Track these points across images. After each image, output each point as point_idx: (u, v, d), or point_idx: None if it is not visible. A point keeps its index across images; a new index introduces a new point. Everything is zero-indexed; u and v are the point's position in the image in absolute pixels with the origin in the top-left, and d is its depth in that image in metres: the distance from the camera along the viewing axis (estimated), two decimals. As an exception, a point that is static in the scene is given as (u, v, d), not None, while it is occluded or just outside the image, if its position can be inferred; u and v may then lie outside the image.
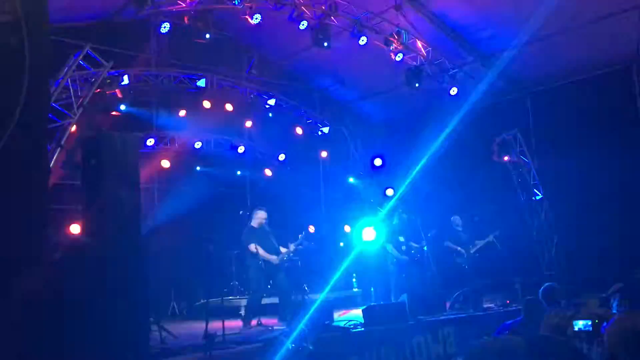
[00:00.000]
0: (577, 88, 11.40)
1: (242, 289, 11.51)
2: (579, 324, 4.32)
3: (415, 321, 8.31)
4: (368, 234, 12.92)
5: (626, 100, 10.89)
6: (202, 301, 11.20)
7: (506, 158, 12.60)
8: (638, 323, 2.74)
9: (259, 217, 9.39)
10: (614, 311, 5.89)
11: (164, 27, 8.88)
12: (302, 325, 7.32)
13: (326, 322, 7.83)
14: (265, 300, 9.45)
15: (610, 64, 10.94)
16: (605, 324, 3.35)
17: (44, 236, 4.27)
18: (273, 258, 9.03)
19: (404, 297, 9.20)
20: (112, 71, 9.76)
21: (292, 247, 9.31)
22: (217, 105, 12.25)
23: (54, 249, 5.66)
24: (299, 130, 13.98)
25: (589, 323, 4.25)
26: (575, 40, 10.58)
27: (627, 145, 10.73)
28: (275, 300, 9.52)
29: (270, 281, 9.15)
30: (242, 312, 9.79)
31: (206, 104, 12.03)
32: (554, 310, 5.19)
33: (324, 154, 14.58)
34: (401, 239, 11.02)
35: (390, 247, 10.96)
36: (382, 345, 7.48)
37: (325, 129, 14.30)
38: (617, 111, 10.91)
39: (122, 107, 11.11)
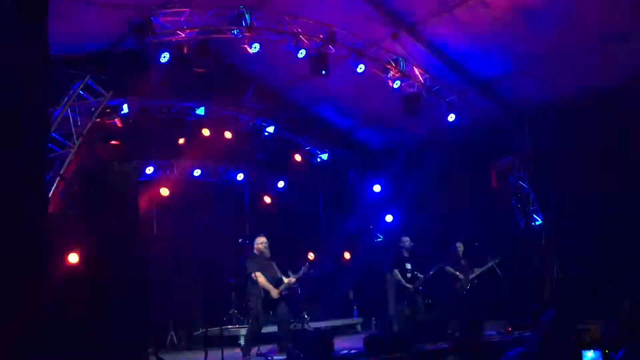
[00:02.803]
0: (575, 113, 11.45)
1: (241, 318, 11.42)
2: (588, 355, 4.23)
3: (417, 350, 8.23)
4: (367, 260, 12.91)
5: (623, 125, 10.93)
6: (201, 330, 11.10)
7: (504, 184, 12.62)
8: None
9: (259, 242, 9.36)
10: None
11: (164, 57, 8.95)
12: (301, 354, 7.27)
13: (326, 351, 7.75)
14: (265, 329, 9.36)
15: (608, 89, 11.01)
16: (614, 354, 3.30)
17: (42, 266, 4.24)
18: (274, 292, 8.93)
19: (404, 326, 9.14)
20: (112, 101, 9.82)
21: (293, 279, 9.22)
22: (217, 133, 12.30)
23: (52, 278, 5.62)
24: (298, 158, 14.01)
25: (599, 354, 4.16)
26: (574, 66, 10.66)
27: (626, 169, 10.74)
28: (275, 328, 9.43)
29: (271, 310, 9.07)
30: (242, 341, 9.70)
31: (205, 132, 12.08)
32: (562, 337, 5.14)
33: (323, 181, 14.59)
34: (408, 266, 10.99)
35: (396, 273, 10.93)
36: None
37: (324, 156, 14.33)
38: (614, 136, 10.94)
39: (122, 136, 11.14)
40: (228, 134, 12.48)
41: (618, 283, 10.09)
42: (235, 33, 9.20)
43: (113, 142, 10.63)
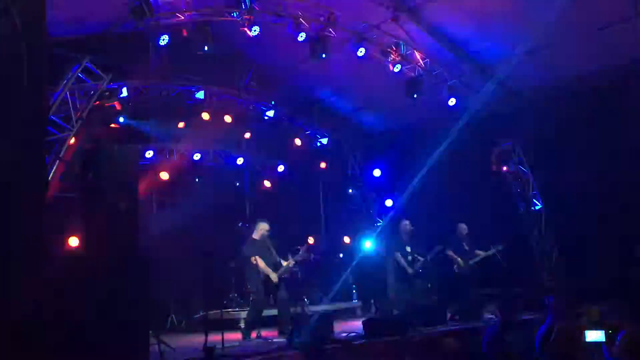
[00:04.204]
0: (576, 98, 11.41)
1: (242, 301, 11.47)
2: (592, 336, 4.22)
3: (416, 333, 8.27)
4: (367, 245, 12.95)
5: (624, 110, 10.90)
6: (201, 314, 11.15)
7: (505, 168, 12.62)
8: None
9: (261, 228, 9.34)
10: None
11: (163, 40, 8.88)
12: (301, 337, 7.30)
13: (326, 335, 7.79)
14: (265, 312, 9.40)
15: (610, 74, 10.96)
16: (615, 334, 3.30)
17: (41, 249, 4.24)
18: (273, 275, 8.96)
19: (404, 309, 9.18)
20: (111, 84, 9.77)
21: (291, 261, 9.24)
22: (216, 117, 12.25)
23: (51, 261, 5.63)
24: (297, 142, 13.98)
25: (602, 334, 4.16)
26: (574, 51, 10.61)
27: (626, 154, 10.73)
28: (275, 312, 9.47)
29: (271, 294, 9.09)
30: (242, 324, 9.75)
31: (205, 116, 12.03)
32: (562, 320, 5.17)
33: (323, 165, 14.57)
34: (408, 249, 11.02)
35: (398, 256, 10.96)
36: (383, 357, 7.43)
37: (324, 140, 14.30)
38: (615, 120, 10.92)
39: (121, 119, 11.12)
40: (228, 118, 12.43)
41: (617, 268, 10.15)
42: (235, 15, 9.12)
43: (112, 125, 10.62)
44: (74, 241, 8.55)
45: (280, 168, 14.37)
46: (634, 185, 10.45)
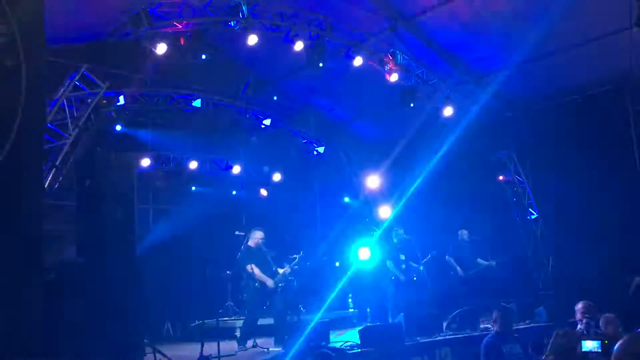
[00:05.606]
0: (572, 107, 11.47)
1: (237, 310, 11.44)
2: (588, 345, 4.23)
3: (412, 342, 8.26)
4: (363, 253, 12.93)
5: (620, 119, 10.95)
6: (197, 322, 11.12)
7: (501, 177, 12.65)
8: None
9: (256, 237, 9.33)
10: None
11: (160, 48, 8.90)
12: (297, 346, 7.29)
13: (322, 344, 7.77)
14: (260, 321, 9.37)
15: (604, 84, 11.03)
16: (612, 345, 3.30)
17: (39, 257, 4.24)
18: (269, 282, 8.95)
19: (400, 318, 9.16)
20: (108, 92, 9.78)
21: (288, 268, 9.24)
22: (213, 125, 12.27)
23: (49, 269, 5.62)
24: (294, 151, 14.00)
25: (599, 344, 4.17)
26: (569, 60, 10.67)
27: (622, 163, 10.77)
28: (271, 321, 9.44)
29: (267, 302, 9.07)
30: (238, 333, 9.72)
31: (201, 124, 12.06)
32: (561, 330, 5.17)
33: (319, 174, 14.58)
34: (402, 257, 11.00)
35: (390, 264, 10.94)
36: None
37: (321, 149, 14.31)
38: (611, 130, 10.97)
39: (118, 127, 11.12)
40: (224, 126, 12.46)
41: (613, 277, 10.15)
42: (232, 25, 9.15)
43: (109, 133, 10.62)
44: (70, 249, 8.52)
45: (277, 176, 14.37)
46: (630, 194, 10.48)
